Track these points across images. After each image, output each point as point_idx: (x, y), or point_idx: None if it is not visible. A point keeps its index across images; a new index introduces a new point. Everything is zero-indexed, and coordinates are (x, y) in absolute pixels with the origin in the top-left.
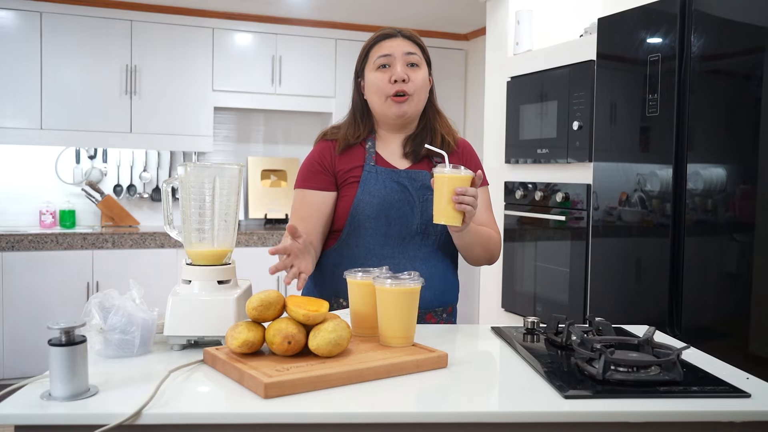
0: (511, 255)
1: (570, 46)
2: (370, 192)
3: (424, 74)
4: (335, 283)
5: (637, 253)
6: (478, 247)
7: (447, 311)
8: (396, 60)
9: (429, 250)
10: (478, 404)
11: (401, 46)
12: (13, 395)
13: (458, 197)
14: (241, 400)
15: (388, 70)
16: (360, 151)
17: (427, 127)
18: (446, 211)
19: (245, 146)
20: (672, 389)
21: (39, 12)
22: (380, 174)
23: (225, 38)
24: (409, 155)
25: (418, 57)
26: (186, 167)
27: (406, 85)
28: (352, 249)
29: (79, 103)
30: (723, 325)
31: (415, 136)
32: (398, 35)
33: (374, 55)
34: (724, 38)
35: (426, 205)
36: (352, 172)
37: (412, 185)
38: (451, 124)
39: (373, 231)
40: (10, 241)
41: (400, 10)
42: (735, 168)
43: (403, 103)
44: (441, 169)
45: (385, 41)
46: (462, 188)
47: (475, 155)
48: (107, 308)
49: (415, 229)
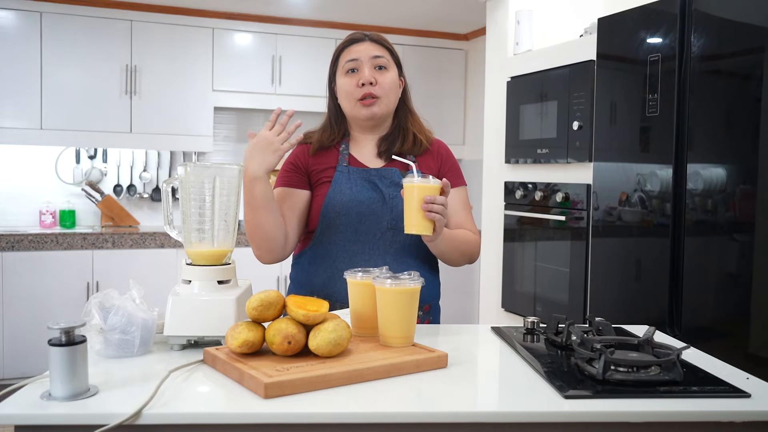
0: (511, 255)
1: (570, 46)
2: (341, 190)
3: (393, 76)
4: (311, 281)
5: (637, 253)
6: (454, 252)
7: (423, 309)
8: (363, 64)
9: (400, 246)
10: (478, 404)
11: (368, 50)
12: (13, 395)
13: (427, 206)
14: (241, 400)
15: (356, 74)
16: (334, 153)
17: (399, 126)
18: (416, 221)
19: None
20: (672, 389)
21: (39, 12)
22: (352, 173)
23: (225, 38)
24: (383, 154)
25: (386, 59)
26: (186, 167)
27: (374, 88)
28: (325, 247)
29: (79, 103)
30: (723, 325)
31: (388, 136)
32: (366, 39)
33: (343, 60)
34: (724, 38)
35: (396, 201)
36: (325, 172)
37: (382, 182)
38: (425, 123)
39: (344, 228)
40: (10, 241)
41: (400, 10)
42: (735, 168)
43: (372, 105)
44: (410, 178)
45: (353, 46)
46: (430, 197)
47: (451, 156)
48: (107, 308)
49: (386, 225)
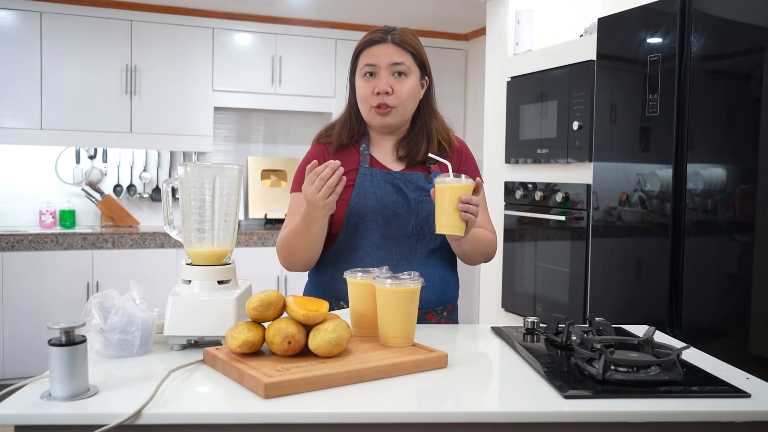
0: (511, 255)
1: (570, 46)
2: (366, 195)
3: (411, 83)
4: (335, 286)
5: (637, 253)
6: (476, 252)
7: (448, 309)
8: (381, 70)
9: (426, 250)
10: (478, 404)
11: (388, 54)
12: (13, 395)
13: (464, 206)
14: (241, 400)
15: (374, 79)
16: (354, 153)
17: (423, 129)
18: (450, 221)
19: (245, 146)
20: (672, 389)
21: (39, 12)
22: (375, 176)
23: (225, 38)
24: (403, 158)
25: (406, 65)
26: (186, 167)
27: (389, 97)
28: (349, 252)
29: (79, 103)
30: (723, 325)
31: (409, 139)
32: (387, 40)
33: (362, 61)
34: (724, 38)
35: (421, 206)
36: (347, 175)
37: (407, 187)
38: (448, 124)
39: (370, 233)
40: (10, 241)
41: (400, 10)
42: (735, 168)
43: (386, 115)
44: (442, 178)
45: (373, 48)
46: (467, 197)
47: (471, 156)
48: (107, 308)
49: (411, 230)
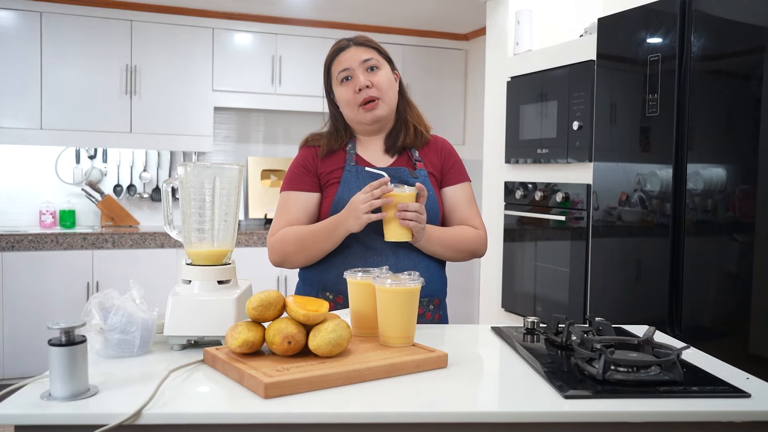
0: (511, 255)
1: (570, 46)
2: (350, 190)
3: (386, 74)
4: (321, 277)
5: (637, 253)
6: (449, 251)
7: (434, 303)
8: (355, 70)
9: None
10: (478, 404)
11: (357, 55)
12: (13, 395)
13: (401, 213)
14: (241, 400)
15: (351, 82)
16: (341, 154)
17: (401, 119)
18: (393, 229)
19: (245, 146)
20: (672, 389)
21: (39, 12)
22: (360, 172)
23: (225, 38)
24: (390, 150)
25: (376, 60)
26: (186, 167)
27: (371, 90)
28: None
29: (79, 103)
30: (723, 325)
31: (393, 132)
32: (351, 45)
33: (335, 71)
34: (724, 38)
35: None
36: (334, 173)
37: (392, 182)
38: (422, 113)
39: None
40: (10, 241)
41: (400, 10)
42: (735, 168)
43: (375, 108)
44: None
45: (341, 55)
46: (403, 204)
47: (453, 153)
48: (107, 308)
49: None
